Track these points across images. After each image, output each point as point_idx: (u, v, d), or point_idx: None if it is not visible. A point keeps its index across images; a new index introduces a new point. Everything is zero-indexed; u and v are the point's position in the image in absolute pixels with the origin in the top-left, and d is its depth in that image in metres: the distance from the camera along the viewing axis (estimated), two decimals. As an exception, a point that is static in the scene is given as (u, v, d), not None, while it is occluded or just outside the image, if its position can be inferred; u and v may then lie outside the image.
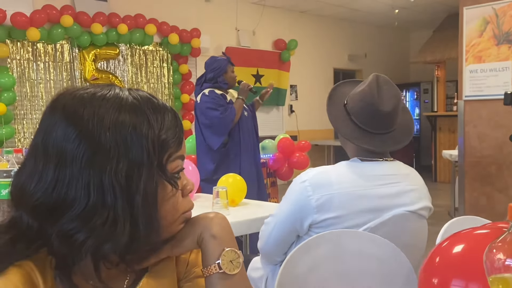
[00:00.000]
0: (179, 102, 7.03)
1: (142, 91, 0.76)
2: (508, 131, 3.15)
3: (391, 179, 1.57)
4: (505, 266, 0.62)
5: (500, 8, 4.33)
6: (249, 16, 7.88)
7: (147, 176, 0.70)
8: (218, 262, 0.75)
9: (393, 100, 1.57)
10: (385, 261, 1.41)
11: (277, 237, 1.59)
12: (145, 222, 0.69)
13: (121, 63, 6.51)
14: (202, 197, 2.78)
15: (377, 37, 9.95)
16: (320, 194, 1.49)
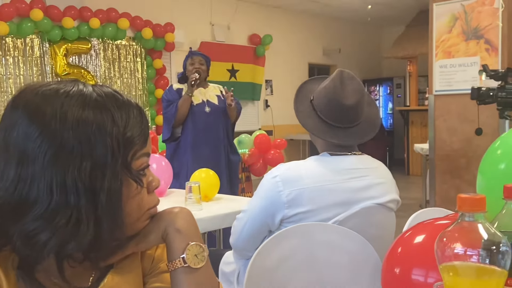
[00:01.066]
0: (153, 97, 6.98)
1: (107, 87, 0.75)
2: (476, 125, 3.22)
3: (359, 172, 1.60)
4: (454, 254, 0.64)
5: (468, 5, 4.42)
6: (223, 10, 7.86)
7: (111, 175, 0.69)
8: (183, 257, 0.75)
9: (356, 94, 1.60)
10: (353, 253, 1.45)
11: (249, 232, 1.61)
12: (109, 221, 0.69)
13: (93, 58, 6.42)
14: (175, 193, 2.78)
15: (351, 32, 10.03)
16: (290, 189, 1.51)
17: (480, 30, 4.37)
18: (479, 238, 0.65)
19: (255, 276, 1.36)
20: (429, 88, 4.73)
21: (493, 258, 0.64)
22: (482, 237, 0.64)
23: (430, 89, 4.71)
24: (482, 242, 0.64)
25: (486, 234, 0.64)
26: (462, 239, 0.65)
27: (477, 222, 0.65)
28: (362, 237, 1.45)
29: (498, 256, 0.64)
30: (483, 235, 0.64)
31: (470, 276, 0.64)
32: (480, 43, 4.36)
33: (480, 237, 0.65)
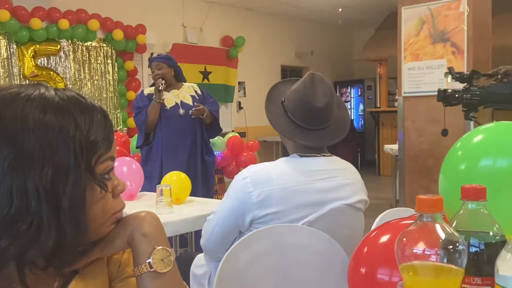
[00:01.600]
0: (124, 99, 6.90)
1: (70, 90, 0.74)
2: (443, 126, 3.29)
3: (328, 173, 1.62)
4: (414, 254, 0.66)
5: (435, 8, 4.52)
6: (196, 12, 7.83)
7: (74, 180, 0.68)
8: (149, 261, 0.75)
9: (326, 96, 1.62)
10: (322, 253, 1.46)
11: (219, 234, 1.61)
12: (72, 226, 0.68)
13: (62, 60, 6.30)
14: (146, 196, 2.76)
15: (323, 35, 10.12)
16: (260, 190, 1.52)
17: (446, 33, 4.46)
18: (437, 238, 0.66)
19: (225, 278, 1.36)
20: (398, 90, 4.81)
21: (450, 257, 0.65)
22: (440, 237, 0.66)
23: (399, 91, 4.79)
24: (440, 242, 0.66)
25: (443, 234, 0.66)
26: (421, 239, 0.67)
27: (435, 222, 0.67)
28: (331, 237, 1.46)
29: (455, 255, 0.66)
30: (441, 235, 0.66)
31: (429, 275, 0.66)
32: (447, 46, 4.46)
33: (438, 237, 0.66)
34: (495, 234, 0.74)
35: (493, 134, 1.07)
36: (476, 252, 0.73)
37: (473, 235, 0.74)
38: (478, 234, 0.74)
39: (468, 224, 0.75)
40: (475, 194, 0.74)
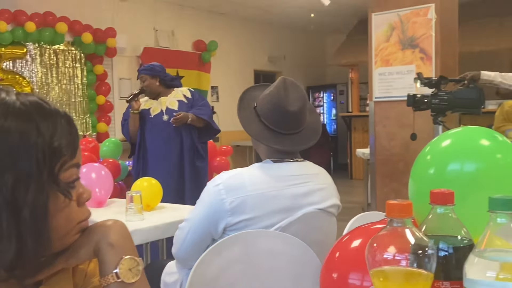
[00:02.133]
0: (94, 104, 6.79)
1: (32, 95, 0.72)
2: (412, 130, 3.35)
3: (301, 179, 1.63)
4: (384, 259, 0.66)
5: (404, 15, 4.60)
6: (167, 16, 7.78)
7: (36, 188, 0.66)
8: (116, 271, 0.73)
9: (299, 101, 1.63)
10: (294, 258, 1.46)
11: (191, 241, 1.60)
12: (34, 236, 0.66)
13: (29, 63, 6.16)
14: (116, 203, 2.72)
15: (296, 40, 10.20)
16: (234, 196, 1.51)
17: (415, 39, 4.55)
18: (407, 242, 0.67)
19: (197, 285, 1.35)
20: (370, 95, 4.88)
21: (420, 261, 0.66)
22: (410, 241, 0.67)
23: (370, 96, 4.85)
24: (410, 247, 0.67)
25: (413, 238, 0.67)
26: (391, 244, 0.67)
27: (405, 227, 0.68)
28: (304, 242, 1.47)
29: (425, 259, 0.66)
30: (410, 240, 0.67)
31: (399, 280, 0.67)
32: (416, 52, 4.54)
33: (408, 242, 0.67)
34: (463, 238, 0.75)
35: (461, 139, 1.09)
36: (445, 256, 0.73)
37: (442, 240, 0.74)
38: (447, 238, 0.75)
39: (437, 229, 0.75)
40: (444, 199, 0.75)
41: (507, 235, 0.65)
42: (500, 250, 0.64)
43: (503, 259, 0.64)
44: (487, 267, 0.64)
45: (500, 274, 0.63)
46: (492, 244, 0.65)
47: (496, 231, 0.66)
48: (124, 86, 7.27)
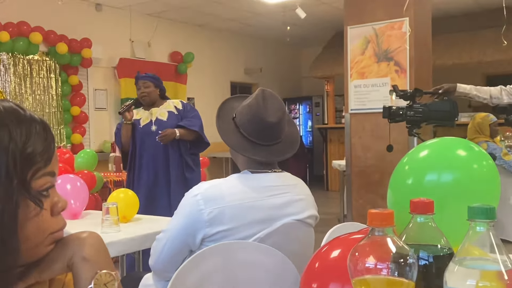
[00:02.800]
0: (68, 114, 6.70)
1: (8, 101, 0.70)
2: (388, 142, 3.39)
3: (279, 189, 1.62)
4: (366, 268, 0.67)
5: (379, 28, 4.67)
6: (144, 27, 7.75)
7: (4, 195, 0.64)
8: (91, 287, 0.71)
9: (278, 112, 1.63)
10: (273, 269, 1.45)
11: (169, 253, 1.57)
12: (0, 246, 0.64)
13: (2, 73, 6.05)
14: (91, 214, 2.67)
15: (272, 52, 10.26)
16: (212, 207, 1.50)
17: (390, 52, 4.62)
18: (389, 251, 0.67)
19: (175, 297, 1.33)
20: (345, 107, 4.92)
21: (401, 270, 0.66)
22: (391, 250, 0.67)
23: (346, 108, 4.90)
24: (391, 256, 0.67)
25: (394, 247, 0.67)
26: (373, 253, 0.67)
27: (386, 236, 0.68)
28: (282, 253, 1.46)
29: (406, 268, 0.66)
30: (392, 249, 0.67)
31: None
32: (390, 65, 4.61)
33: (389, 251, 0.67)
34: (443, 247, 0.76)
35: (438, 149, 1.11)
36: (425, 265, 0.74)
37: (422, 248, 0.75)
38: (427, 247, 0.75)
39: (417, 238, 0.76)
40: (424, 208, 0.75)
41: (486, 243, 0.66)
42: (480, 258, 0.65)
43: (482, 267, 0.64)
44: (467, 276, 0.64)
45: (480, 282, 0.64)
46: (472, 252, 0.66)
47: (475, 239, 0.67)
48: (100, 97, 7.20)
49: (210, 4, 7.29)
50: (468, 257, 0.66)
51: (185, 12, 7.70)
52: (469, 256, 0.66)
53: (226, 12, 7.76)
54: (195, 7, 7.41)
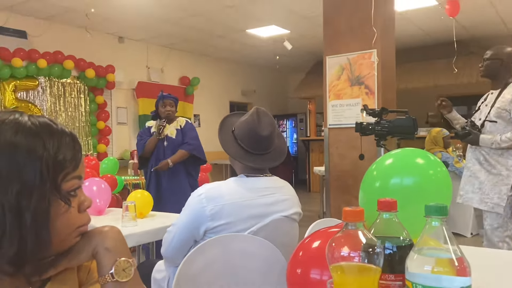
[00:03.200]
0: (95, 128, 6.67)
1: (43, 117, 0.70)
2: (360, 152, 3.40)
3: (269, 191, 1.62)
4: (341, 256, 0.67)
5: (352, 58, 4.70)
6: (158, 56, 7.76)
7: (38, 196, 0.63)
8: (111, 272, 0.70)
9: (270, 127, 1.64)
10: (264, 258, 1.44)
11: (177, 243, 1.57)
12: (34, 238, 0.63)
13: (40, 94, 6.03)
14: (113, 211, 2.65)
15: (264, 77, 10.29)
16: (213, 204, 1.50)
17: (361, 78, 4.65)
18: (360, 242, 0.67)
19: (183, 281, 1.32)
20: (324, 122, 4.94)
21: (370, 258, 0.66)
22: (362, 241, 0.67)
23: (325, 123, 4.91)
24: (362, 246, 0.67)
25: (364, 239, 0.67)
26: (347, 243, 0.67)
27: (358, 230, 0.68)
28: (272, 244, 1.45)
29: (374, 256, 0.66)
30: (362, 240, 0.67)
31: (353, 273, 0.67)
32: (362, 88, 4.64)
33: (360, 242, 0.67)
34: (404, 239, 0.76)
35: (401, 158, 1.11)
36: (390, 254, 0.74)
37: (388, 240, 0.75)
38: (391, 239, 0.75)
39: (383, 231, 0.76)
40: (389, 206, 0.75)
41: (440, 236, 0.66)
42: (434, 248, 0.65)
43: (436, 256, 0.65)
44: (424, 262, 0.64)
45: (435, 268, 0.64)
46: (428, 243, 0.66)
47: (431, 232, 0.67)
48: (121, 114, 7.18)
49: (213, 38, 7.32)
50: (425, 247, 0.66)
51: (192, 44, 7.72)
52: (426, 246, 0.66)
53: (226, 44, 7.79)
54: (201, 40, 7.43)
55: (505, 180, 2.60)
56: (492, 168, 2.66)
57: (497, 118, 2.64)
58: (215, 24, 6.41)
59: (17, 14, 5.68)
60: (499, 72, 2.68)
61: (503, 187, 2.60)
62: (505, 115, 2.61)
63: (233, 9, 5.72)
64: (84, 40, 6.28)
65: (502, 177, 2.62)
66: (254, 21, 6.28)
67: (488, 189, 2.66)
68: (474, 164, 2.78)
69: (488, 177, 2.68)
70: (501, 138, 2.59)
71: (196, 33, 6.93)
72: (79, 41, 6.33)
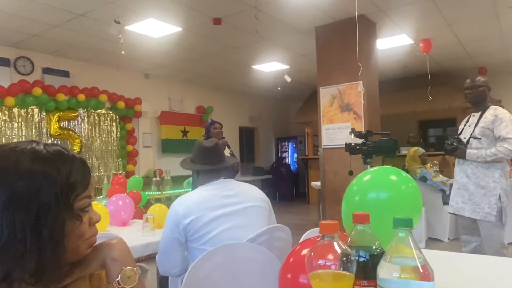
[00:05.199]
0: (124, 151, 6.71)
1: (57, 145, 0.70)
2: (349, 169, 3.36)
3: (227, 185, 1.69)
4: (318, 265, 0.64)
5: (342, 88, 4.72)
6: (178, 89, 7.85)
7: (54, 214, 0.63)
8: (118, 280, 0.69)
9: (212, 142, 1.79)
10: (263, 264, 1.41)
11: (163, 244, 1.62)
12: (51, 250, 0.62)
13: (79, 123, 6.12)
14: (136, 223, 2.62)
15: (268, 105, 10.33)
16: (183, 207, 1.59)
17: (350, 105, 4.65)
18: (335, 252, 0.65)
19: (191, 283, 1.29)
20: (319, 143, 4.93)
21: (344, 266, 0.64)
22: (337, 251, 0.65)
23: (320, 144, 4.91)
24: (337, 255, 0.65)
25: (339, 249, 0.65)
26: (324, 253, 0.65)
27: (333, 241, 0.66)
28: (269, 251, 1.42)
29: (348, 264, 0.64)
30: (337, 250, 0.65)
31: (329, 280, 0.64)
32: (350, 114, 4.63)
33: (335, 251, 0.65)
34: (376, 248, 0.73)
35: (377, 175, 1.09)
36: (364, 261, 0.71)
37: (362, 249, 0.73)
38: (365, 248, 0.73)
39: (358, 241, 0.74)
40: (362, 219, 0.73)
41: (406, 245, 0.64)
42: (402, 256, 0.63)
43: (403, 263, 0.62)
44: (393, 269, 0.62)
45: (402, 274, 0.61)
46: (396, 252, 0.64)
47: (399, 242, 0.64)
48: (147, 138, 7.22)
49: (224, 74, 7.41)
50: (394, 256, 0.63)
51: (207, 79, 7.82)
52: (394, 254, 0.63)
53: (235, 78, 7.88)
54: (214, 75, 7.52)
55: (493, 191, 2.56)
56: (480, 181, 2.61)
57: (481, 136, 2.62)
58: (226, 61, 6.50)
59: (61, 57, 5.82)
60: (486, 97, 2.69)
61: (491, 198, 2.56)
62: (488, 133, 2.60)
63: (240, 49, 5.80)
64: (115, 77, 6.40)
65: (490, 188, 2.57)
66: (259, 59, 6.35)
67: (479, 200, 2.60)
68: (462, 177, 2.72)
69: (476, 189, 2.62)
70: (487, 153, 2.57)
71: (210, 69, 7.02)
72: (112, 78, 6.44)
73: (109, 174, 6.25)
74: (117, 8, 4.13)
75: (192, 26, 4.76)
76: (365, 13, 4.50)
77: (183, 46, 5.53)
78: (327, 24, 4.81)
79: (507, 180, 2.60)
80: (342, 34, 4.67)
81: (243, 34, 5.08)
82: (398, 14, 4.59)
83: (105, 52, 5.62)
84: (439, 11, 4.55)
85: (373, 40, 4.84)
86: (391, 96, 7.64)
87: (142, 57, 6.03)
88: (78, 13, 4.24)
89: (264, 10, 4.31)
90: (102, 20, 4.40)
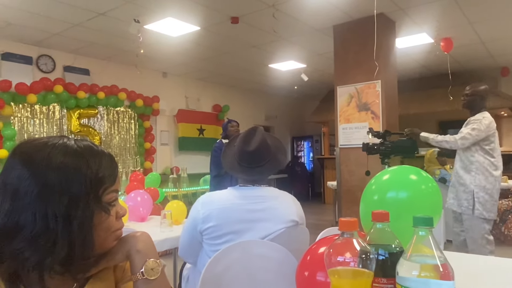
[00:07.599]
0: (142, 148, 6.81)
1: (86, 140, 0.72)
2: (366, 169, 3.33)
3: (260, 199, 1.55)
4: (337, 262, 0.65)
5: (360, 87, 4.67)
6: (195, 87, 7.92)
7: (84, 206, 0.65)
8: (142, 271, 0.71)
9: (257, 143, 1.57)
10: (279, 261, 1.42)
11: (184, 241, 1.58)
12: (80, 241, 0.65)
13: (98, 120, 6.24)
14: (154, 218, 2.67)
15: (284, 104, 10.31)
16: (205, 209, 1.49)
17: (367, 104, 4.60)
18: (354, 249, 0.65)
19: (208, 279, 1.31)
20: (336, 143, 4.89)
21: (364, 263, 0.64)
22: (356, 248, 0.65)
23: (336, 143, 4.87)
24: (356, 252, 0.65)
25: (358, 246, 0.65)
26: (343, 250, 0.66)
27: (352, 238, 0.66)
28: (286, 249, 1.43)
29: (367, 262, 0.64)
30: (356, 247, 0.65)
31: (348, 277, 0.65)
32: (368, 113, 4.58)
33: (355, 249, 0.65)
34: (396, 246, 0.73)
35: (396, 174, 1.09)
36: (383, 260, 0.71)
37: (381, 247, 0.73)
38: (384, 246, 0.73)
39: (377, 239, 0.74)
40: (381, 218, 0.73)
41: (426, 244, 0.63)
42: (421, 255, 0.63)
43: (423, 262, 0.62)
44: (412, 268, 0.62)
45: (422, 272, 0.61)
46: (416, 250, 0.64)
47: (419, 241, 0.64)
48: (164, 136, 7.32)
49: (240, 72, 7.43)
50: (413, 254, 0.63)
51: (223, 77, 7.85)
52: (414, 253, 0.63)
53: (252, 77, 7.89)
54: (230, 74, 7.56)
55: (469, 188, 2.95)
56: (460, 179, 3.03)
57: None
58: (242, 60, 6.52)
59: (82, 55, 5.95)
60: (477, 105, 3.02)
61: (467, 194, 2.96)
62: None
63: (257, 48, 5.81)
64: (134, 75, 6.50)
65: (467, 185, 2.96)
66: (275, 58, 6.35)
67: (460, 195, 3.02)
68: (454, 176, 3.15)
69: (459, 186, 3.04)
70: (438, 137, 3.02)
71: (226, 68, 7.06)
72: (131, 76, 6.55)
73: (127, 171, 6.36)
74: (137, 7, 4.20)
75: (210, 25, 4.80)
76: (384, 11, 4.44)
77: (201, 45, 5.58)
78: (345, 23, 4.76)
79: (486, 178, 2.90)
80: (361, 33, 4.62)
81: (260, 33, 5.09)
82: (418, 12, 4.51)
83: (125, 50, 5.72)
84: (460, 10, 4.45)
85: (393, 39, 4.77)
86: (410, 96, 7.52)
87: (160, 56, 6.10)
88: (99, 12, 4.33)
89: (281, 9, 4.30)
90: (122, 19, 4.48)
